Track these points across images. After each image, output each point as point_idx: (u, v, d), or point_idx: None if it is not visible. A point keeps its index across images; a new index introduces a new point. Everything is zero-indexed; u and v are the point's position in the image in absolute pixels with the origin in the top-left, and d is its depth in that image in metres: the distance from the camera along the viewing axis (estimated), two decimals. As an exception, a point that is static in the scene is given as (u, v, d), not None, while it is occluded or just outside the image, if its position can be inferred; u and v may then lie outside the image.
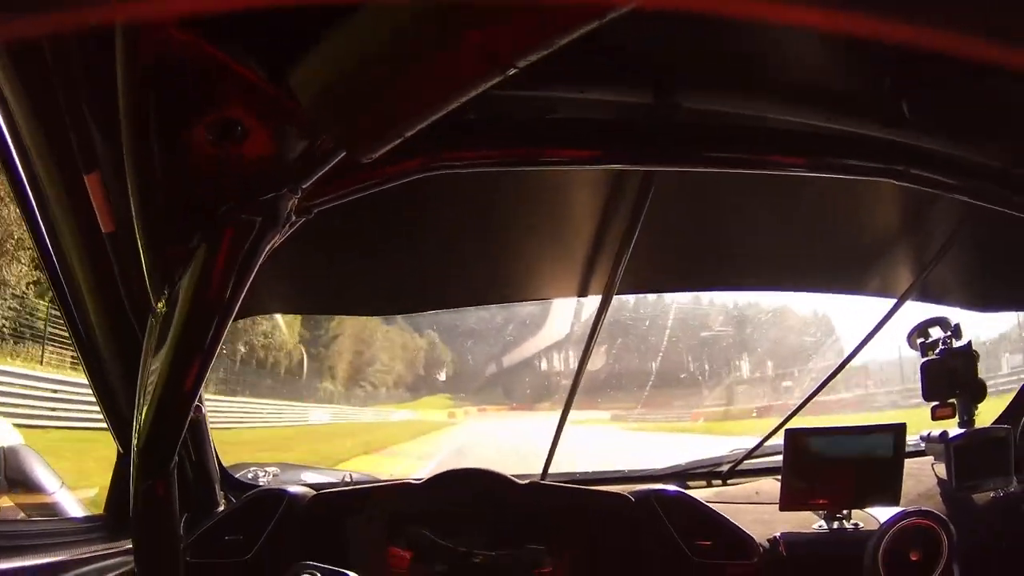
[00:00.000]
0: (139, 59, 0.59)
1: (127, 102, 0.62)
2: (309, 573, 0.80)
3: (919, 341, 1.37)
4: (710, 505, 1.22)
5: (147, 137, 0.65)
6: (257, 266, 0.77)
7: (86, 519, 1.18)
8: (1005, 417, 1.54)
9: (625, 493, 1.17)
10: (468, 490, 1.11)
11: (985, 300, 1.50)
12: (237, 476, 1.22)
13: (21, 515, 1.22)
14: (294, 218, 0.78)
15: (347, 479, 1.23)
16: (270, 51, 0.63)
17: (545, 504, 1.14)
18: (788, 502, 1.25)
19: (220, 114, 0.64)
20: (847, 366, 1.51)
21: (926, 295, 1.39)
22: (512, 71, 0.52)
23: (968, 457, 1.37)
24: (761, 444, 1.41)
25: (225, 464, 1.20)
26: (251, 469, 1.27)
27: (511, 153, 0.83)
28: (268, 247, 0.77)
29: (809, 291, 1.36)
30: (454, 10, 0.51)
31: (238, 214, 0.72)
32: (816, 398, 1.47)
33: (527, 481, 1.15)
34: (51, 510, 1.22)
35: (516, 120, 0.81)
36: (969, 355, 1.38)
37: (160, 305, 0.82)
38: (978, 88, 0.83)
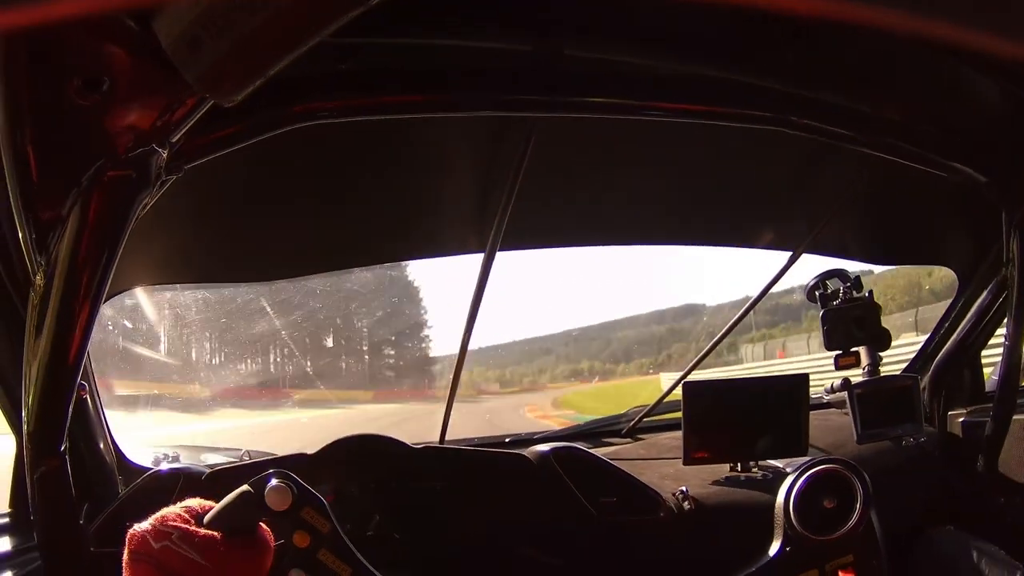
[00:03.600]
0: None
1: None
2: (281, 480, 0.78)
3: (818, 293, 1.40)
4: (613, 462, 1.23)
5: (15, 97, 0.65)
6: (130, 227, 0.77)
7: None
8: (912, 367, 1.57)
9: (524, 454, 1.18)
10: (362, 458, 1.11)
11: (883, 253, 1.53)
12: (137, 461, 1.21)
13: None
14: (164, 175, 0.78)
15: (244, 457, 1.23)
16: None
17: (443, 468, 1.14)
18: (690, 456, 1.26)
19: (86, 67, 0.64)
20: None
21: (823, 249, 1.42)
22: (372, 2, 0.51)
23: (872, 405, 1.40)
24: (662, 400, 1.42)
25: (123, 448, 1.19)
26: (151, 453, 1.27)
27: (385, 101, 0.82)
28: (140, 207, 0.76)
29: (703, 244, 1.38)
30: None
31: (108, 172, 0.71)
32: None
33: (422, 445, 1.15)
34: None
35: (392, 68, 0.81)
36: (870, 305, 1.41)
37: (39, 277, 0.82)
38: (876, 42, 0.85)
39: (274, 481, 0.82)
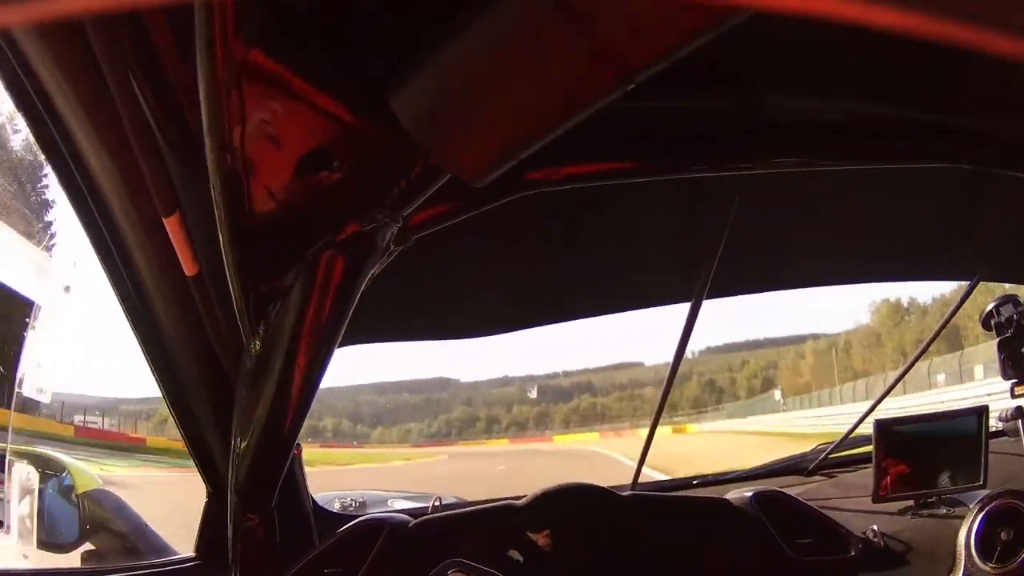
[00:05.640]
0: (223, 94, 0.56)
1: (212, 139, 0.59)
2: (459, 569, 0.79)
3: (992, 322, 1.36)
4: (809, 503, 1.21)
5: (236, 174, 0.62)
6: (355, 300, 0.75)
7: (176, 561, 1.16)
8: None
9: (724, 497, 1.16)
10: (572, 506, 1.10)
11: None
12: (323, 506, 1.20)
13: (110, 558, 1.20)
14: (393, 247, 0.76)
15: (436, 503, 1.22)
16: (366, 75, 0.60)
17: (648, 514, 1.13)
18: (880, 492, 1.24)
19: (314, 146, 0.61)
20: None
21: (999, 275, 1.39)
22: (630, 86, 0.50)
23: (1049, 432, 1.37)
24: (847, 437, 1.40)
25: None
26: (335, 499, 1.25)
27: (603, 169, 0.82)
28: (367, 278, 0.75)
29: (888, 280, 1.36)
30: (570, 20, 0.49)
31: (337, 248, 0.69)
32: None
33: (628, 493, 1.14)
34: (138, 551, 1.21)
35: (610, 133, 0.79)
36: (1046, 330, 1.37)
37: (255, 344, 0.80)
38: None
39: (453, 571, 0.85)
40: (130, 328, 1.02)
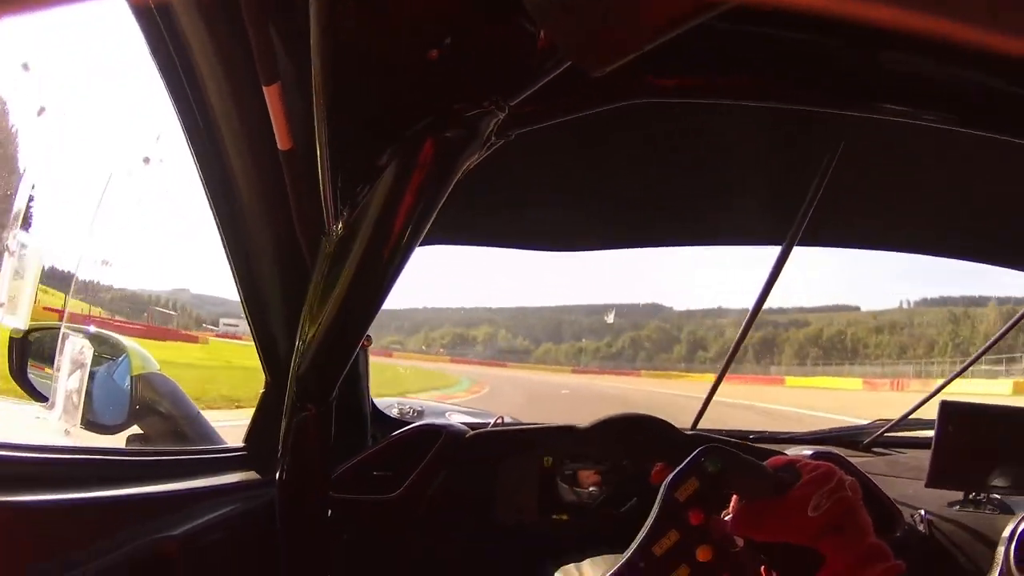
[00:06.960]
0: None
1: (319, 6, 0.56)
2: (717, 457, 0.73)
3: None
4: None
5: (341, 42, 0.60)
6: (449, 189, 0.73)
7: (224, 449, 1.17)
8: None
9: (784, 452, 1.14)
10: (633, 436, 1.09)
11: None
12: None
13: (156, 443, 1.21)
14: (494, 139, 0.73)
15: (498, 421, 1.21)
16: None
17: None
18: (935, 478, 1.21)
19: (425, 20, 0.59)
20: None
21: None
22: None
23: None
24: (907, 415, 1.37)
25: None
26: (394, 404, 1.25)
27: (718, 84, 0.77)
28: (463, 169, 0.73)
29: (979, 261, 1.30)
30: None
31: (437, 130, 0.67)
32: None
33: (691, 432, 1.12)
34: (186, 438, 1.21)
35: (721, 51, 0.75)
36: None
37: (337, 226, 0.78)
38: None
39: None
40: (209, 206, 1.01)
